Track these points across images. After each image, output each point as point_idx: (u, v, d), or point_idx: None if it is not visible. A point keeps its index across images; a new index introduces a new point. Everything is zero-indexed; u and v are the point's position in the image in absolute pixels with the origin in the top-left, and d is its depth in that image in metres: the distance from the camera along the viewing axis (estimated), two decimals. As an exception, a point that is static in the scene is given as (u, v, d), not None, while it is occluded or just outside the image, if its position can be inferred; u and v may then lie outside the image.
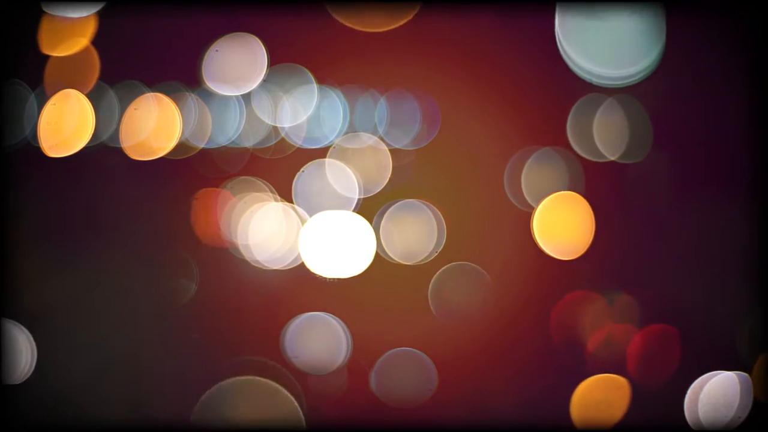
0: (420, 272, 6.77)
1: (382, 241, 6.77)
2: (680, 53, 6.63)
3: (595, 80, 6.50)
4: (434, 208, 6.75)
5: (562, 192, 6.72)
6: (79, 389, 6.54)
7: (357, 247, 6.75)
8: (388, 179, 6.82)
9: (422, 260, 6.75)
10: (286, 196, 6.81)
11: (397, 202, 6.78)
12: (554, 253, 6.67)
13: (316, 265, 6.74)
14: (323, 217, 6.79)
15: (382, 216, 6.77)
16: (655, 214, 6.66)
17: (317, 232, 6.77)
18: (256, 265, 6.76)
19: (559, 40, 6.51)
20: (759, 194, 6.50)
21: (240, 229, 6.79)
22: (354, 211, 6.80)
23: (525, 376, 6.59)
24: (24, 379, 6.54)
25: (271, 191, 6.78)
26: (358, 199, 6.80)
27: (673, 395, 6.51)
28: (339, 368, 6.67)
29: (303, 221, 6.79)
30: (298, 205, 6.80)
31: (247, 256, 6.77)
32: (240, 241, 6.79)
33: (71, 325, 6.63)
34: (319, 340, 6.72)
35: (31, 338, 6.58)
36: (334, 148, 6.82)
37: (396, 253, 6.77)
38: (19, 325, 6.57)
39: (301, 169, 6.77)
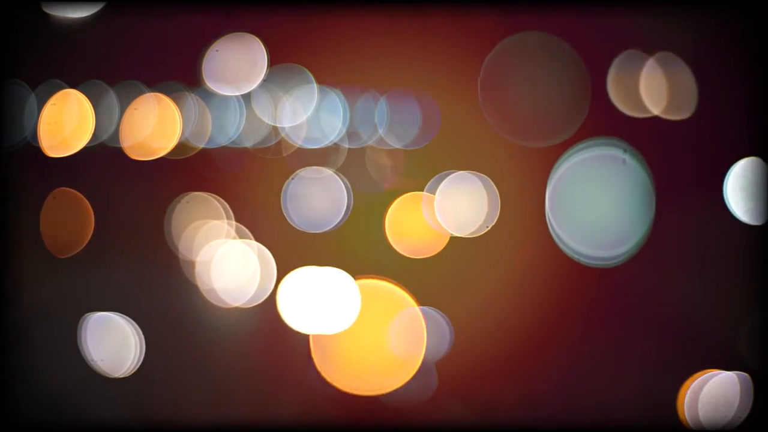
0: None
1: (437, 213, 6.76)
2: (680, 53, 6.64)
3: (583, 260, 6.56)
4: (487, 179, 6.72)
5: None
6: (78, 389, 6.54)
7: (340, 304, 6.71)
8: (385, 180, 6.83)
9: (473, 233, 6.73)
10: (277, 200, 6.80)
11: (451, 173, 6.75)
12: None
13: (295, 321, 6.71)
14: (305, 272, 6.75)
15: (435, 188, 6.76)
16: (655, 214, 6.66)
17: (298, 288, 6.73)
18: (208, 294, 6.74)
19: (549, 220, 6.58)
20: (759, 194, 6.50)
21: (189, 247, 6.77)
22: (346, 214, 6.80)
23: (525, 375, 6.59)
24: (131, 372, 6.58)
25: (227, 215, 6.76)
26: (349, 205, 6.80)
27: (673, 395, 6.51)
28: (438, 362, 6.67)
29: (255, 250, 6.76)
30: (289, 211, 6.79)
31: (200, 283, 6.76)
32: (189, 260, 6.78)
33: (70, 325, 6.63)
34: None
35: (141, 332, 6.61)
36: (331, 150, 6.82)
37: (449, 225, 6.75)
38: (129, 319, 6.60)
39: (292, 176, 6.77)
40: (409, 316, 6.67)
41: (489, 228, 6.63)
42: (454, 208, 6.76)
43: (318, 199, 6.81)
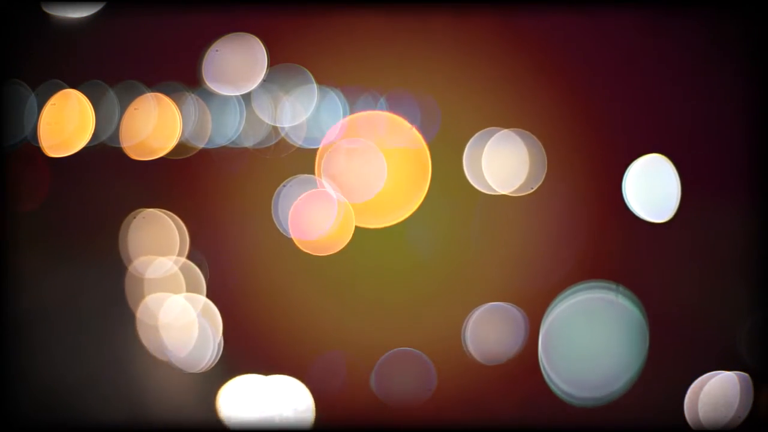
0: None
1: (484, 169, 6.75)
2: (680, 51, 6.64)
3: (575, 402, 6.59)
4: (533, 138, 6.70)
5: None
6: (77, 390, 6.54)
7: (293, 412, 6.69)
8: (383, 181, 6.83)
9: (518, 190, 6.72)
10: (267, 207, 6.79)
11: (498, 131, 6.73)
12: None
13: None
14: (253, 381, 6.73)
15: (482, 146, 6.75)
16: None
17: (246, 397, 6.70)
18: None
19: (542, 360, 6.62)
20: (759, 194, 6.51)
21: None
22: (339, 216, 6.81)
23: (524, 376, 6.59)
24: (210, 368, 6.57)
25: (180, 236, 6.75)
26: (341, 209, 6.80)
27: (673, 395, 6.51)
28: (514, 358, 6.67)
29: (198, 283, 6.76)
30: (279, 219, 6.78)
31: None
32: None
33: (69, 326, 6.63)
34: (497, 329, 6.69)
35: (217, 330, 6.62)
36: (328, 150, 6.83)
37: (494, 182, 6.74)
38: (206, 316, 6.61)
39: (283, 183, 6.76)
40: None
41: (534, 189, 6.63)
42: (499, 165, 6.74)
43: (310, 204, 6.81)
